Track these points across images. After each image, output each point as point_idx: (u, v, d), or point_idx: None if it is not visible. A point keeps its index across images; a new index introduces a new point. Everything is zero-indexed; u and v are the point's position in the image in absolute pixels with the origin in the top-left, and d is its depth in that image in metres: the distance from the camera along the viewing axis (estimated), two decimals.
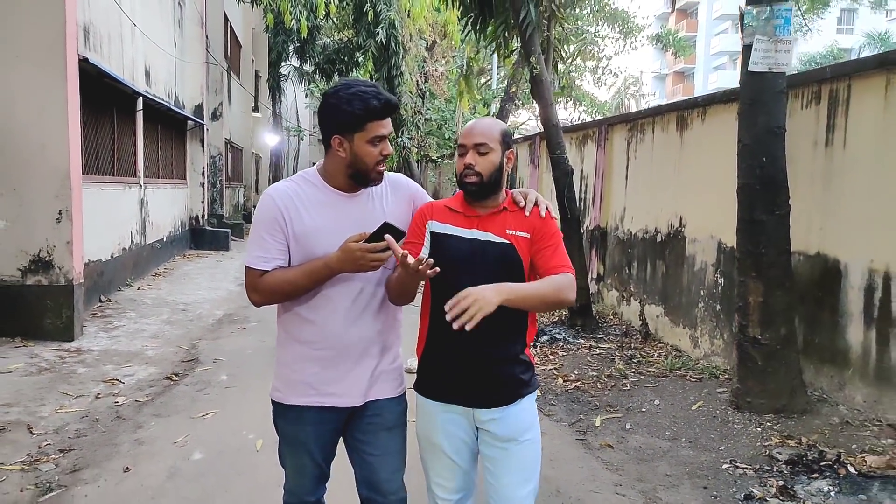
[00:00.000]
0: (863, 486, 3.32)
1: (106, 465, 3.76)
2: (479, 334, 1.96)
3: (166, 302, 8.53)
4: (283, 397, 2.15)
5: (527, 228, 2.09)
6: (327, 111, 2.02)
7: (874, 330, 4.13)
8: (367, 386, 2.15)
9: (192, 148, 14.10)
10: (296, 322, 2.11)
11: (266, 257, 2.03)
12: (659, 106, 7.45)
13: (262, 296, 2.06)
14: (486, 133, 2.08)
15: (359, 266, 1.94)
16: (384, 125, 2.01)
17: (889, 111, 4.06)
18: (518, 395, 2.13)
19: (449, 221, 2.12)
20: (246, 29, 21.22)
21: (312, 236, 2.03)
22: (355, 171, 2.03)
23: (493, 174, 2.07)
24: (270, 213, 2.03)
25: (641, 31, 21.91)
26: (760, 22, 4.09)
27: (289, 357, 2.14)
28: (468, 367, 2.09)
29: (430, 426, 2.19)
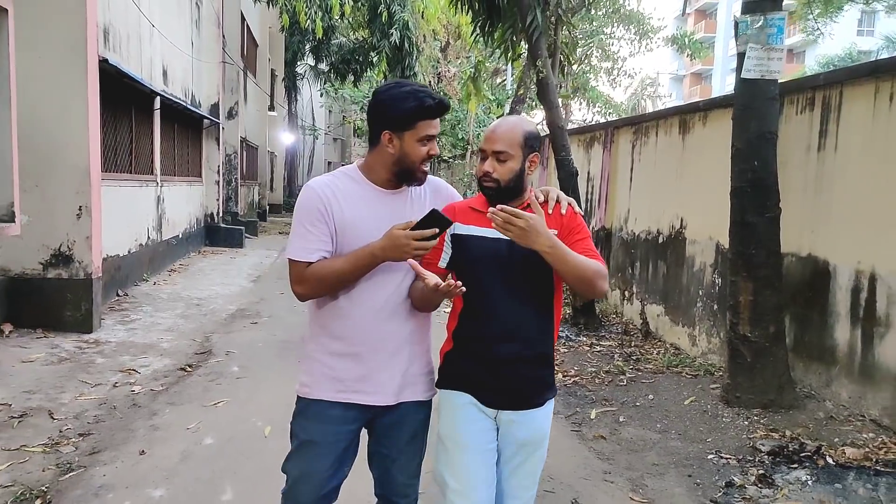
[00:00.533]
0: (839, 475, 3.49)
1: (123, 448, 3.96)
2: (513, 333, 2.02)
3: (181, 297, 8.76)
4: (309, 392, 2.12)
5: (554, 225, 2.04)
6: (380, 107, 2.02)
7: (860, 329, 4.27)
8: (399, 386, 2.12)
9: (208, 146, 14.36)
10: (330, 317, 2.09)
11: (310, 248, 2.01)
12: (663, 109, 7.61)
13: (308, 287, 2.04)
14: (505, 139, 2.03)
15: (403, 253, 1.92)
16: (434, 125, 2.02)
17: (878, 118, 4.20)
18: (545, 399, 2.12)
19: (473, 222, 2.09)
20: (262, 28, 21.50)
21: (351, 229, 2.02)
22: (401, 168, 2.03)
23: (512, 180, 2.04)
24: (312, 204, 2.02)
25: (657, 33, 21.96)
26: (754, 31, 4.24)
27: (320, 352, 2.11)
28: (499, 365, 2.05)
29: (455, 421, 2.12)
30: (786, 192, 4.63)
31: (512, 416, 2.08)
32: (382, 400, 2.09)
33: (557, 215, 2.08)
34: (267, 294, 9.17)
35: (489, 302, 2.04)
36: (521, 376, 2.07)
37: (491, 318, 2.04)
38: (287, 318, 7.67)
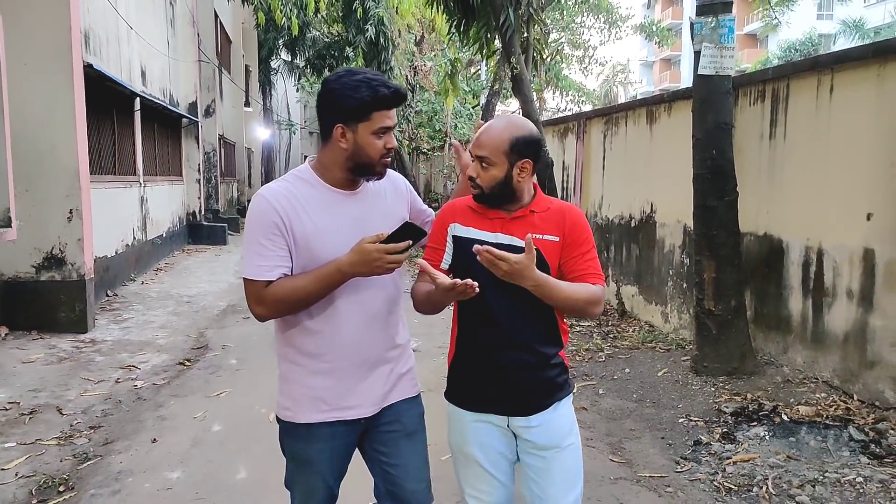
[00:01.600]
0: (793, 430, 3.90)
1: (134, 437, 4.23)
2: (514, 339, 1.97)
3: (170, 295, 8.97)
4: (293, 416, 1.99)
5: (556, 231, 1.97)
6: (329, 98, 1.86)
7: (811, 300, 4.67)
8: (385, 392, 2.03)
9: (188, 145, 14.50)
10: (301, 335, 1.95)
11: (268, 266, 1.85)
12: (631, 101, 7.97)
13: (269, 308, 1.88)
14: (489, 145, 1.94)
15: (374, 269, 1.80)
16: (391, 116, 1.87)
17: (819, 108, 4.59)
18: (555, 400, 2.05)
19: (472, 224, 2.02)
20: (235, 24, 21.54)
21: (313, 239, 1.87)
22: (356, 164, 1.89)
23: (496, 187, 1.96)
24: (267, 217, 1.85)
25: (626, 21, 22.32)
26: (708, 31, 4.59)
27: (296, 372, 1.98)
28: (502, 373, 2.00)
29: (463, 437, 2.09)
30: (743, 177, 5.00)
31: (523, 421, 2.02)
32: (368, 411, 2.00)
33: (560, 220, 1.99)
34: None
35: (488, 308, 1.97)
36: (524, 382, 2.01)
37: (490, 325, 1.99)
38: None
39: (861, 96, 4.30)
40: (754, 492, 3.32)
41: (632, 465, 3.77)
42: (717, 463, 3.65)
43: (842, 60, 4.47)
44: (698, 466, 3.66)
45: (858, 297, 4.29)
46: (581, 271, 1.96)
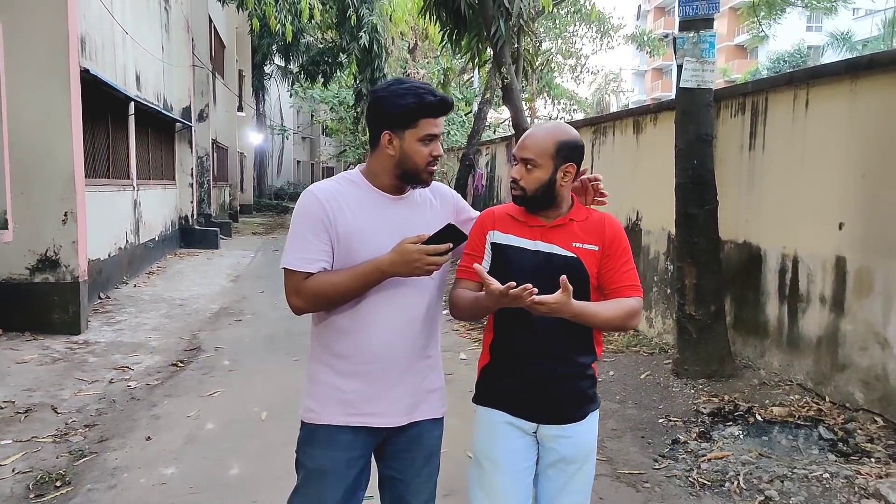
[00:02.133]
0: (766, 430, 4.07)
1: (129, 435, 4.33)
2: (551, 348, 1.96)
3: (163, 298, 9.06)
4: (316, 417, 1.97)
5: (595, 241, 1.98)
6: (378, 105, 1.91)
7: (786, 305, 4.84)
8: (412, 405, 2.00)
9: (181, 149, 14.60)
10: (333, 334, 1.96)
11: (309, 258, 1.88)
12: (618, 111, 8.16)
13: (306, 300, 1.90)
14: (535, 147, 1.96)
15: (413, 269, 1.82)
16: (437, 124, 1.91)
17: (796, 121, 4.77)
18: (588, 412, 2.06)
19: (512, 232, 2.01)
20: (229, 29, 21.66)
21: (355, 237, 1.90)
22: (404, 170, 1.92)
23: (540, 189, 1.96)
24: (315, 211, 1.89)
25: (618, 31, 22.61)
26: (690, 46, 4.76)
27: (325, 373, 1.98)
28: (538, 381, 2.00)
29: (490, 440, 2.05)
30: (723, 187, 5.17)
31: (553, 430, 2.01)
32: (394, 421, 1.98)
33: (600, 230, 2.00)
34: (248, 293, 9.52)
35: (526, 316, 1.92)
36: (559, 391, 2.01)
37: (527, 333, 1.98)
38: (270, 314, 8.03)
39: (834, 110, 4.48)
40: (726, 487, 3.48)
41: (612, 462, 3.92)
42: (692, 460, 3.80)
43: (816, 76, 4.66)
44: (675, 464, 3.81)
45: (831, 303, 4.47)
46: (620, 283, 1.97)
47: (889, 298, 4.04)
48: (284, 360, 6.06)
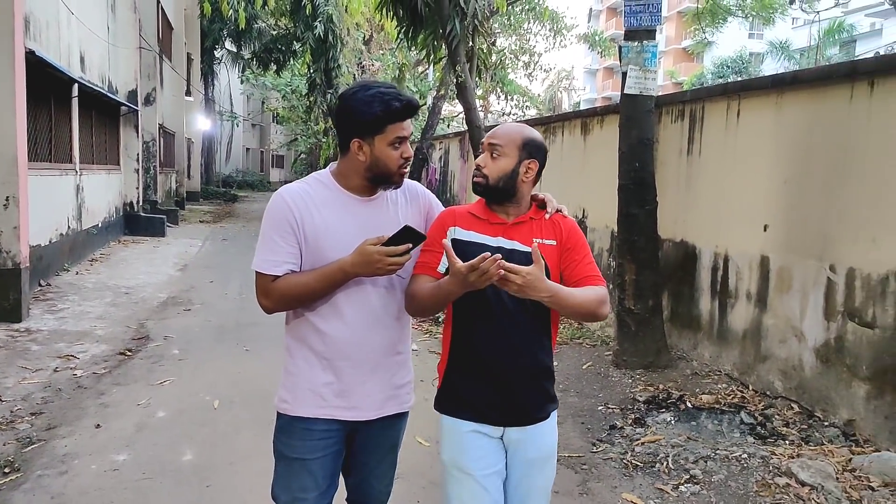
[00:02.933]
0: (695, 416, 4.40)
1: (77, 423, 4.33)
2: (513, 342, 1.97)
3: (107, 286, 8.91)
4: (290, 408, 2.04)
5: (553, 236, 2.02)
6: (345, 113, 1.95)
7: (717, 301, 5.17)
8: (382, 399, 2.07)
9: (126, 134, 14.28)
10: (308, 331, 2.02)
11: (276, 260, 1.95)
12: (567, 112, 8.45)
13: (274, 301, 1.97)
14: (504, 136, 2.01)
15: (375, 270, 1.87)
16: (405, 127, 1.94)
17: (728, 129, 5.08)
18: (550, 411, 2.09)
19: (474, 229, 2.02)
20: (178, 11, 21.16)
21: (323, 238, 1.95)
22: (375, 174, 1.97)
23: (502, 179, 1.99)
24: (282, 214, 1.95)
25: (570, 30, 23.01)
26: (634, 55, 5.01)
27: (299, 366, 2.04)
28: (502, 382, 2.00)
29: (459, 449, 2.04)
30: (663, 188, 5.46)
31: (519, 433, 2.03)
32: (365, 415, 2.05)
33: (557, 226, 2.04)
34: (196, 282, 9.44)
35: (488, 314, 1.98)
36: (523, 391, 2.01)
37: (490, 332, 1.99)
38: (219, 304, 8.03)
39: (762, 121, 4.80)
40: (656, 467, 3.74)
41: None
42: (627, 444, 4.06)
43: (747, 88, 4.98)
44: (611, 447, 4.06)
45: (755, 299, 4.80)
46: (583, 274, 1.98)
47: (805, 295, 4.38)
48: (235, 350, 6.11)
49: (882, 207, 3.87)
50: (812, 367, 4.34)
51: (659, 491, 3.53)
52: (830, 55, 28.95)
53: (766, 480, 3.49)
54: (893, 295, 3.79)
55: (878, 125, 3.92)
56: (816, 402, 4.30)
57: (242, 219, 20.07)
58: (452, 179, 12.89)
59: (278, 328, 2.20)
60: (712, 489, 3.49)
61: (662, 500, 3.45)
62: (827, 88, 4.29)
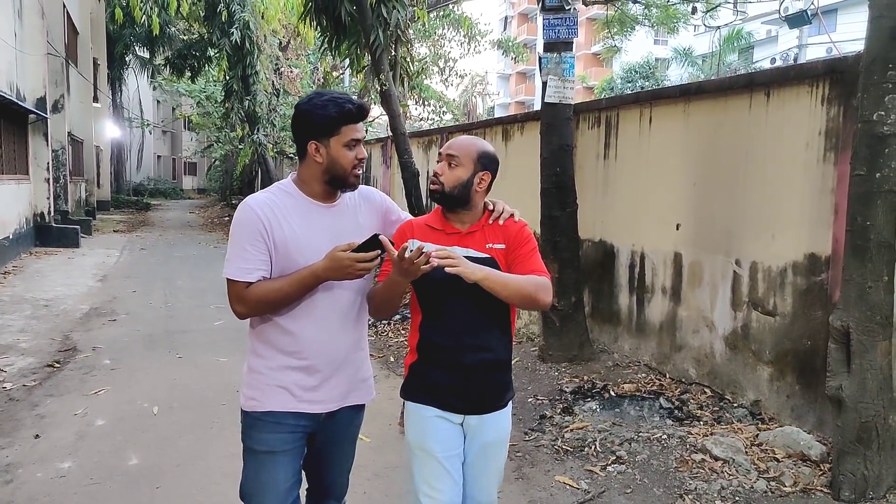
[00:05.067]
0: (618, 403, 4.75)
1: (15, 434, 4.28)
2: (470, 332, 2.14)
3: (25, 299, 8.62)
4: (258, 405, 2.12)
5: (502, 239, 2.17)
6: (302, 118, 2.05)
7: (635, 296, 5.58)
8: (346, 391, 2.19)
9: (35, 142, 13.71)
10: (276, 332, 2.11)
11: (248, 268, 2.03)
12: (488, 119, 8.77)
13: (249, 307, 2.06)
14: (461, 148, 2.16)
15: (346, 274, 1.99)
16: (358, 129, 2.05)
17: (641, 135, 5.52)
18: (507, 400, 2.26)
19: (430, 239, 2.13)
20: (83, 15, 20.39)
21: (291, 244, 2.05)
22: (332, 176, 2.07)
23: (458, 188, 2.14)
24: (252, 223, 2.04)
25: (484, 37, 23.52)
26: (553, 65, 5.36)
27: (265, 366, 2.13)
28: (463, 374, 2.15)
29: (424, 433, 2.20)
30: (582, 191, 5.84)
31: (478, 420, 2.19)
32: (330, 406, 2.16)
33: (505, 229, 2.19)
34: (118, 293, 9.24)
35: (451, 314, 2.15)
36: (485, 382, 2.18)
37: (453, 329, 2.16)
38: (145, 314, 7.91)
39: (672, 127, 5.24)
40: (585, 451, 4.06)
41: None
42: (557, 431, 4.36)
43: (657, 97, 5.42)
44: (542, 435, 4.35)
45: (670, 293, 5.23)
46: (526, 268, 2.13)
47: (714, 288, 4.83)
48: (167, 358, 6.09)
49: (779, 205, 4.32)
50: (722, 354, 4.79)
51: (589, 472, 3.82)
52: (730, 61, 30.79)
53: (684, 457, 3.86)
54: (791, 285, 4.25)
55: (774, 131, 4.38)
56: (726, 385, 4.74)
57: (158, 227, 19.55)
58: (375, 184, 13.04)
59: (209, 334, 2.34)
60: (637, 468, 3.83)
61: (592, 480, 3.75)
62: (728, 98, 4.74)
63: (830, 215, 3.99)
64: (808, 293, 4.12)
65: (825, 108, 4.01)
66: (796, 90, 4.21)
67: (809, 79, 4.12)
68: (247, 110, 16.45)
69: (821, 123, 4.04)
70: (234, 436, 2.30)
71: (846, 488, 3.31)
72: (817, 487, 3.51)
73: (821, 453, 3.72)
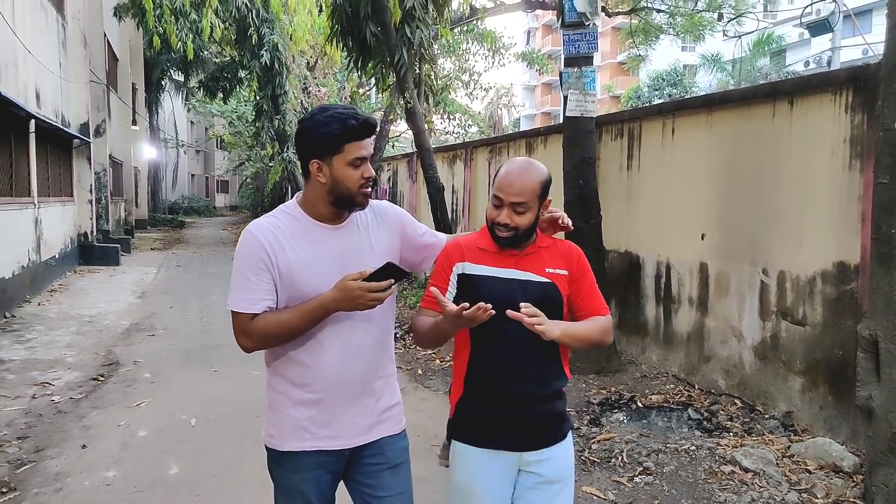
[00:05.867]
0: (645, 414, 4.79)
1: (63, 445, 4.48)
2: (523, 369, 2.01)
3: (70, 315, 8.94)
4: (277, 443, 2.03)
5: (564, 265, 2.05)
6: (303, 136, 1.93)
7: (662, 307, 5.62)
8: (369, 425, 2.04)
9: (79, 165, 14.26)
10: (287, 365, 2.00)
11: (253, 299, 1.91)
12: (512, 133, 8.92)
13: (254, 340, 1.94)
14: (525, 191, 1.98)
15: (356, 305, 1.85)
16: (364, 146, 1.92)
17: (664, 146, 5.58)
18: (564, 432, 2.10)
19: (484, 262, 2.03)
20: (122, 43, 21.12)
21: (297, 272, 1.92)
22: (337, 196, 1.94)
23: (530, 229, 2.02)
24: (254, 252, 1.91)
25: (508, 50, 23.70)
26: (574, 80, 5.46)
27: (281, 402, 2.02)
28: (515, 407, 2.02)
29: (471, 475, 2.07)
30: (606, 202, 5.91)
31: (535, 455, 2.05)
32: (351, 442, 2.02)
33: (567, 255, 2.09)
34: (156, 309, 9.53)
35: (502, 343, 2.01)
36: (537, 415, 2.04)
37: (504, 360, 2.03)
38: (182, 329, 8.15)
39: (695, 137, 5.29)
40: (612, 462, 4.09)
41: None
42: (584, 442, 4.41)
43: (681, 108, 5.49)
44: None
45: (697, 303, 5.26)
46: (591, 304, 2.06)
47: (741, 297, 4.85)
48: (204, 371, 6.29)
49: (806, 214, 4.34)
50: (751, 365, 4.79)
51: (616, 483, 3.85)
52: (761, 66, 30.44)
53: (713, 469, 3.86)
54: (820, 294, 4.25)
55: (798, 139, 4.41)
56: (757, 396, 4.74)
57: (193, 245, 20.00)
58: (402, 199, 13.22)
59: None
60: (664, 479, 3.84)
61: (619, 490, 3.78)
62: (752, 107, 4.78)
63: (858, 223, 3.99)
64: (838, 302, 4.13)
65: (849, 116, 4.04)
66: (819, 98, 4.24)
67: (833, 87, 4.16)
68: (276, 129, 16.87)
69: (845, 131, 4.07)
70: None
71: (879, 500, 3.26)
72: (850, 499, 3.50)
73: (854, 465, 3.71)
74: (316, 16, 14.32)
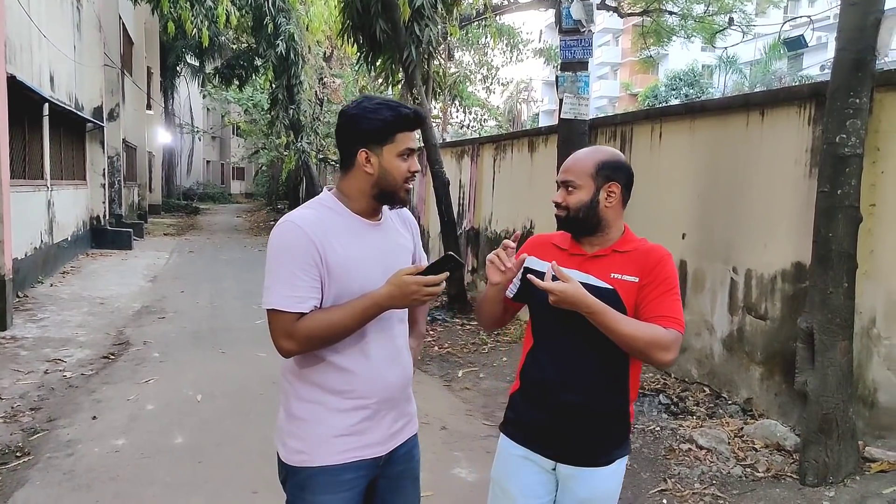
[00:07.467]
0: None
1: (75, 416, 4.82)
2: (575, 375, 1.89)
3: (82, 297, 9.28)
4: (309, 459, 1.84)
5: (636, 272, 1.88)
6: (350, 123, 1.81)
7: None
8: (400, 428, 1.97)
9: (92, 149, 14.58)
10: (326, 372, 1.84)
11: (300, 297, 1.75)
12: (515, 131, 9.16)
13: (299, 343, 1.77)
14: (574, 169, 1.93)
15: (411, 301, 1.75)
16: (413, 138, 1.83)
17: (652, 150, 5.83)
18: (610, 457, 1.95)
19: (550, 258, 1.94)
20: (138, 26, 21.40)
21: (345, 269, 1.79)
22: (381, 189, 1.83)
23: (581, 210, 1.91)
24: (302, 245, 1.75)
25: (527, 45, 23.89)
26: (569, 84, 5.70)
27: (314, 411, 1.85)
28: (560, 414, 1.93)
29: (506, 472, 2.03)
30: None
31: (572, 471, 1.95)
32: (386, 448, 1.92)
33: (644, 260, 1.91)
34: (167, 293, 9.87)
35: (555, 345, 1.95)
36: (582, 430, 1.92)
37: (555, 363, 1.94)
38: (192, 313, 8.48)
39: (679, 142, 5.54)
40: None
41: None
42: None
43: (666, 114, 5.74)
44: None
45: None
46: (656, 312, 1.83)
47: (714, 294, 5.12)
48: (211, 353, 6.61)
49: (772, 216, 4.61)
50: (720, 355, 5.08)
51: None
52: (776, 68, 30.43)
53: (673, 447, 4.19)
54: (780, 291, 4.54)
55: (768, 147, 4.67)
56: (723, 384, 5.04)
57: (206, 231, 20.36)
58: (412, 192, 13.54)
59: (251, 332, 2.51)
60: (630, 456, 4.16)
61: None
62: (728, 116, 5.04)
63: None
64: (794, 299, 4.40)
65: (811, 128, 4.30)
66: (787, 111, 4.50)
67: (798, 100, 4.43)
68: (291, 118, 17.14)
69: (808, 142, 4.33)
70: (270, 422, 2.15)
71: (810, 474, 3.61)
72: (787, 473, 3.82)
73: (794, 444, 4.02)
74: (332, 7, 14.59)
